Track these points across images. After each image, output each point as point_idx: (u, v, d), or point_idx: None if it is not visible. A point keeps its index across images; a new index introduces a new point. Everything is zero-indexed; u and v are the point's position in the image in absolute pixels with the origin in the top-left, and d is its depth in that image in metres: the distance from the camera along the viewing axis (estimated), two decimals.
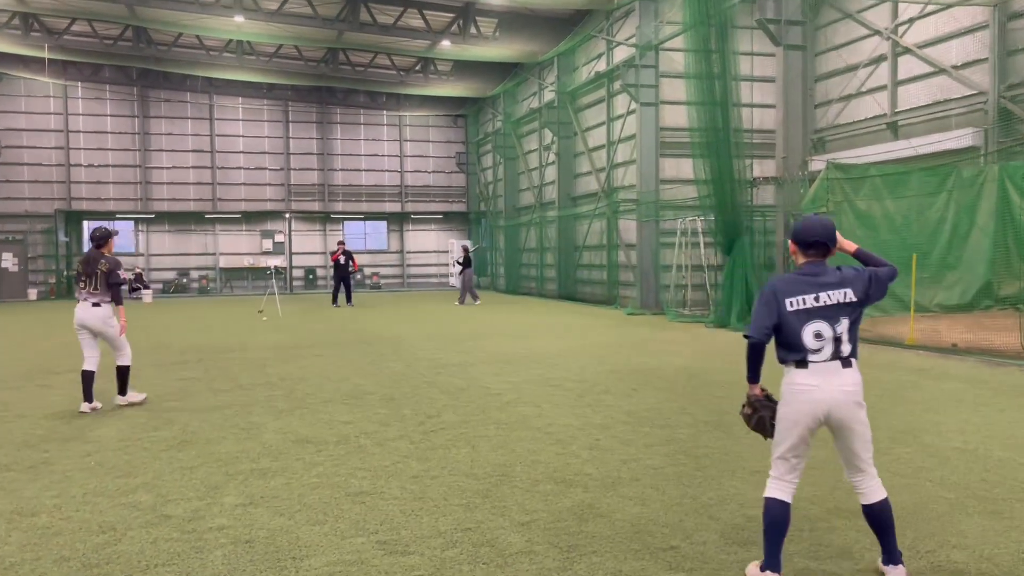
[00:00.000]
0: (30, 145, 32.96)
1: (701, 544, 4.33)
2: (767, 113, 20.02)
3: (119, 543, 4.45)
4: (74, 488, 5.52)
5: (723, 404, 8.27)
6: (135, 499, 5.25)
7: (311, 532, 4.60)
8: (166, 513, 4.96)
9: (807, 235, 3.91)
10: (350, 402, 8.65)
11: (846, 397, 3.76)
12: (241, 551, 4.32)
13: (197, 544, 4.42)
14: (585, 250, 26.41)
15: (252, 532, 4.60)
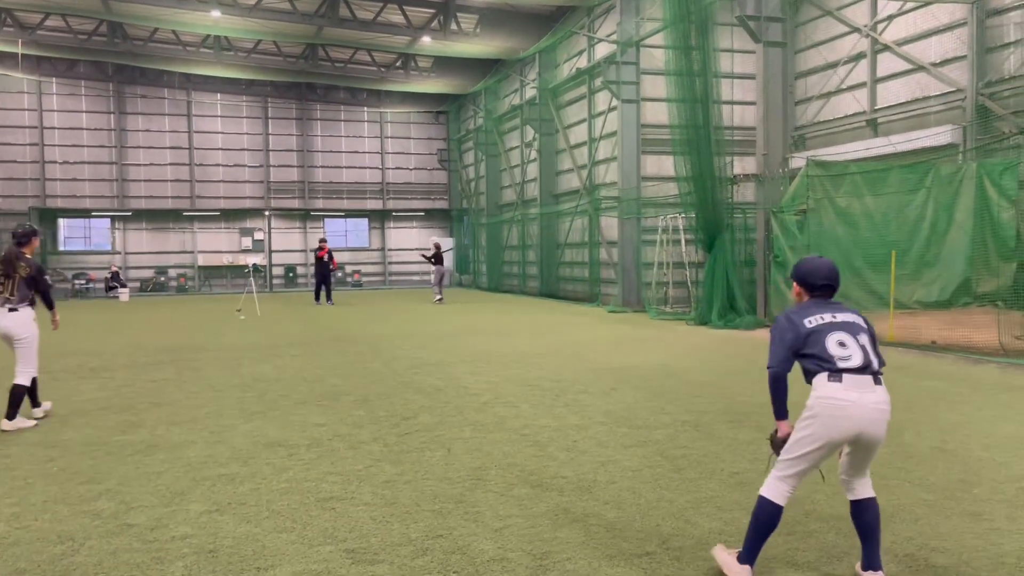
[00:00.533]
0: (3, 142, 32.44)
1: (677, 550, 4.24)
2: (747, 110, 20.00)
3: (77, 554, 4.30)
4: (34, 495, 5.35)
5: (701, 404, 8.19)
6: (97, 507, 5.09)
7: (278, 540, 4.47)
8: (128, 521, 4.81)
9: (816, 278, 3.94)
10: (324, 403, 8.50)
11: (881, 416, 3.68)
12: (204, 561, 4.18)
13: (158, 554, 4.28)
14: (567, 248, 26.33)
15: (216, 541, 4.46)
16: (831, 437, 3.68)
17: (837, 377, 3.65)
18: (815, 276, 3.94)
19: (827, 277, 3.93)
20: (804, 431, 3.75)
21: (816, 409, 3.71)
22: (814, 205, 14.71)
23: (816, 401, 3.73)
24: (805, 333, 3.77)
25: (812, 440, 3.72)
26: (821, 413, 3.69)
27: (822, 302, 3.93)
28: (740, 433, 6.88)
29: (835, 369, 3.67)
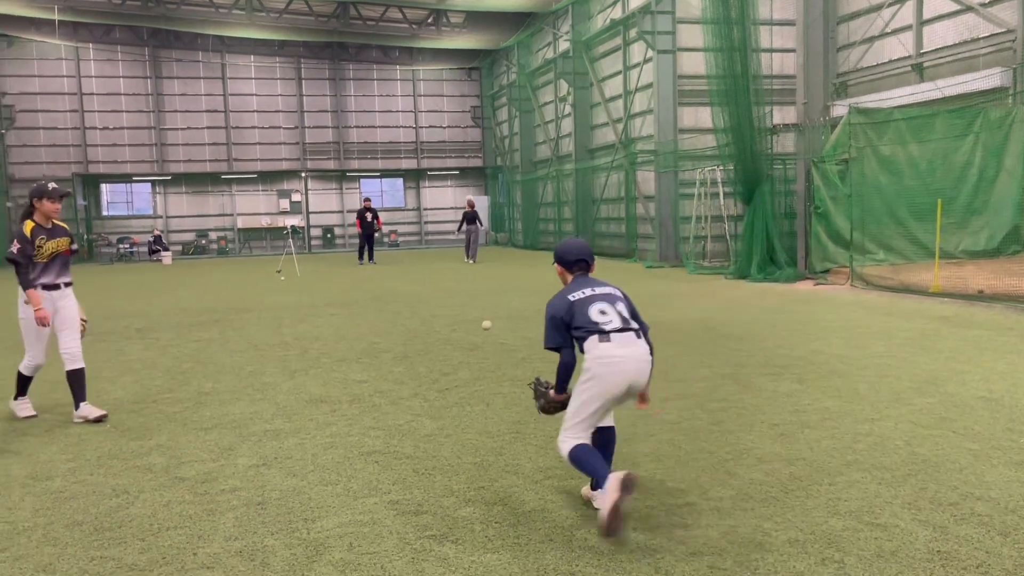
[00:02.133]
0: (44, 109, 32.94)
1: (718, 500, 4.25)
2: (787, 58, 19.50)
3: (132, 506, 4.45)
4: (89, 451, 5.53)
5: (740, 357, 8.15)
6: (149, 461, 5.25)
7: (323, 493, 4.57)
8: (179, 475, 4.96)
9: (571, 256, 4.31)
10: (364, 361, 8.62)
11: (646, 366, 4.01)
12: (253, 513, 4.30)
13: (209, 507, 4.41)
14: (603, 203, 26.13)
15: (264, 494, 4.58)
16: (611, 393, 3.95)
17: (607, 338, 3.93)
18: (569, 255, 4.31)
19: (579, 254, 4.30)
20: (586, 393, 3.98)
21: (594, 370, 3.94)
22: (856, 154, 14.37)
23: (593, 362, 3.95)
24: (568, 306, 4.04)
25: (594, 399, 3.97)
26: (599, 372, 3.93)
27: (582, 279, 4.24)
28: (780, 385, 6.84)
29: (603, 332, 3.95)
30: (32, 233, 6.18)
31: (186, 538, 3.98)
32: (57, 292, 6.38)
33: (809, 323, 10.29)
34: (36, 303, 6.16)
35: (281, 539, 3.92)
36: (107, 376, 8.22)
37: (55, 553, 3.85)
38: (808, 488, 4.38)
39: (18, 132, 32.65)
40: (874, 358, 7.89)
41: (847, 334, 9.34)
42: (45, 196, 6.25)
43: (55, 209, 6.32)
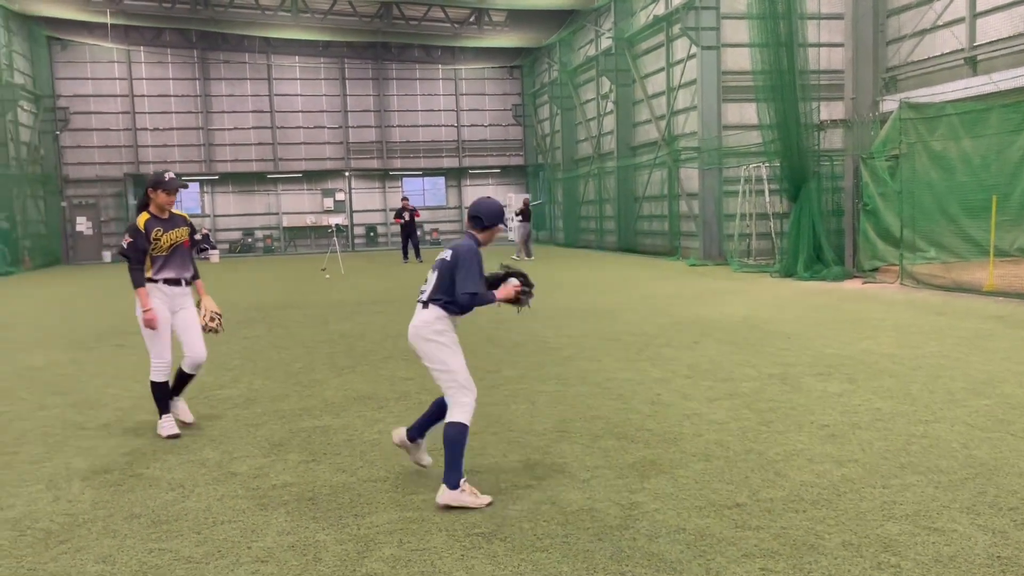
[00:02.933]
0: (97, 111, 33.76)
1: (768, 501, 4.20)
2: (835, 52, 19.14)
3: (187, 500, 4.55)
4: (145, 445, 5.67)
5: (788, 356, 8.04)
6: (202, 456, 5.36)
7: (372, 488, 4.63)
8: (232, 470, 5.06)
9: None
10: (410, 358, 8.66)
11: (413, 332, 4.67)
12: (304, 508, 4.36)
13: (262, 501, 4.49)
14: (645, 201, 25.95)
15: (315, 489, 4.65)
16: None
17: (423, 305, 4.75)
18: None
19: (472, 210, 4.94)
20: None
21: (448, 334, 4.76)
22: (907, 150, 14.07)
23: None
24: None
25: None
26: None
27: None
28: (829, 385, 6.74)
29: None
30: (146, 226, 5.79)
31: (240, 532, 4.06)
32: (179, 288, 5.93)
33: (858, 322, 10.11)
34: (144, 304, 5.77)
35: (332, 534, 3.98)
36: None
37: (114, 545, 3.95)
38: (861, 491, 4.31)
39: (72, 133, 33.53)
40: (927, 358, 7.73)
41: (898, 333, 9.16)
42: (160, 187, 5.85)
43: (169, 201, 5.92)
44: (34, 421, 6.45)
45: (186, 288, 6.04)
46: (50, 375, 8.43)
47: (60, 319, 13.32)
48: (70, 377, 8.29)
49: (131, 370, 8.54)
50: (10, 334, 11.67)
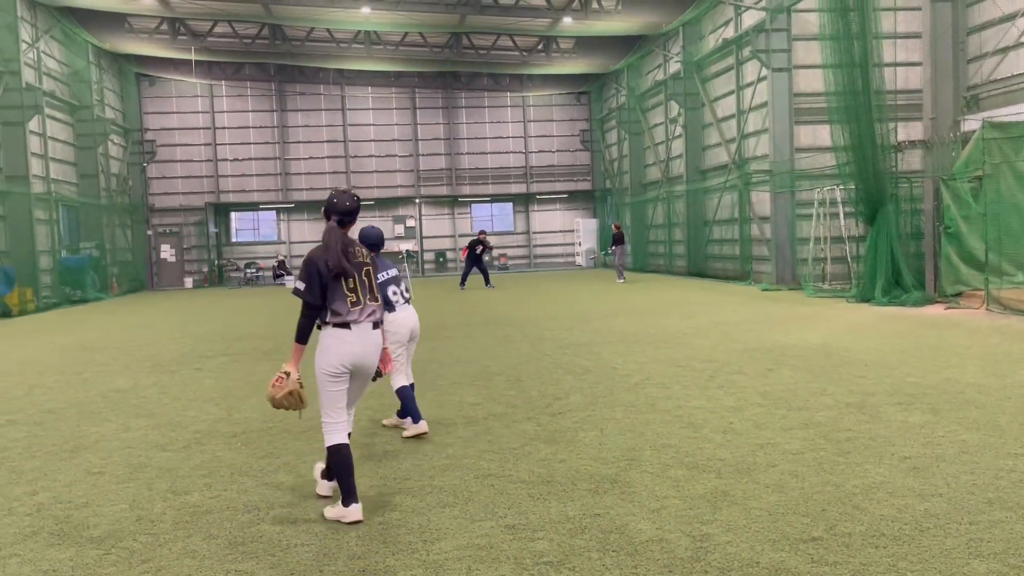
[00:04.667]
0: (182, 143, 35.23)
1: (846, 536, 4.07)
2: (912, 72, 18.66)
3: (262, 522, 4.66)
4: (222, 467, 5.83)
5: (866, 385, 7.79)
6: (277, 479, 5.49)
7: (441, 515, 4.65)
8: (305, 493, 5.16)
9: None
10: (478, 384, 8.74)
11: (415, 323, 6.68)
12: (375, 532, 4.42)
13: (333, 525, 4.56)
14: (715, 225, 25.63)
15: (385, 514, 4.70)
16: None
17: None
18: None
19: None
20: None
21: None
22: (991, 171, 13.56)
23: None
24: None
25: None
26: None
27: None
28: (911, 416, 6.50)
29: None
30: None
31: (313, 556, 4.13)
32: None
33: (941, 349, 9.74)
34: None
35: (402, 559, 4.01)
36: (237, 395, 8.64)
37: (194, 565, 4.07)
38: (946, 527, 4.13)
39: (158, 165, 35.04)
40: (1016, 388, 7.39)
41: (984, 361, 8.78)
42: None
43: None
44: (119, 442, 6.71)
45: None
46: (135, 397, 8.76)
47: (144, 343, 13.84)
48: (153, 400, 8.60)
49: (209, 393, 8.82)
50: (98, 357, 12.19)
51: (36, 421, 7.70)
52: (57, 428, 7.36)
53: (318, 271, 4.59)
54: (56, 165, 26.74)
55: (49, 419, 7.77)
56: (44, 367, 11.35)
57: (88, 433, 7.10)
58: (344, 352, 4.69)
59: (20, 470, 5.99)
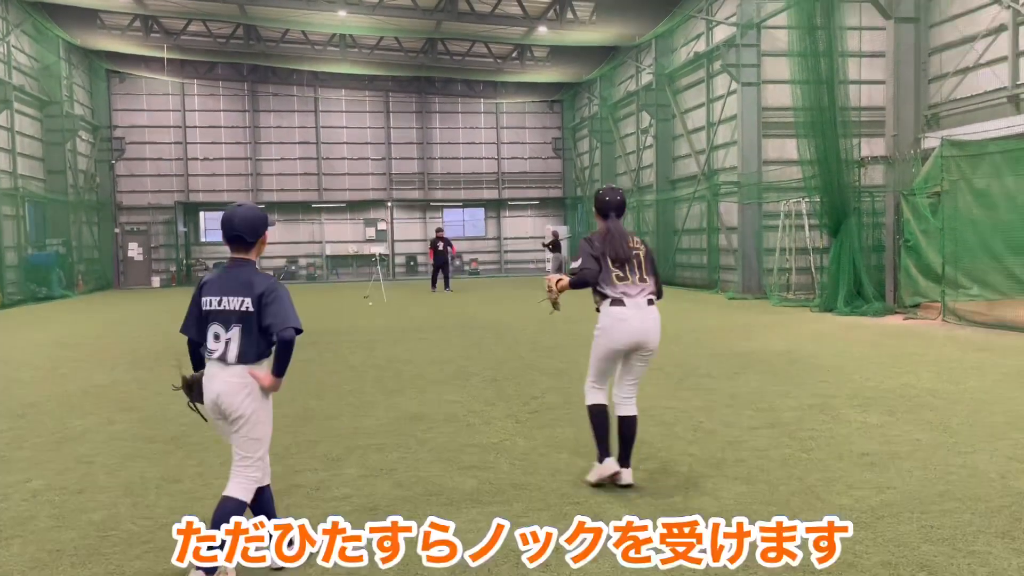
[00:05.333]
0: (151, 141, 34.95)
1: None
2: (876, 90, 19.28)
3: None
4: (212, 458, 6.00)
5: (828, 388, 8.16)
6: None
7: (429, 502, 4.89)
8: (295, 482, 5.36)
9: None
10: (456, 383, 8.97)
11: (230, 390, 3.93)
12: (365, 517, 4.62)
13: (324, 510, 4.77)
14: (684, 234, 26.12)
15: (374, 501, 4.93)
16: None
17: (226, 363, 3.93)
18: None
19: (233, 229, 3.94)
20: None
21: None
22: (949, 187, 14.12)
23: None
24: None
25: None
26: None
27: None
28: (869, 417, 6.87)
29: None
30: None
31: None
32: None
33: (899, 357, 10.18)
34: None
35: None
36: None
37: None
38: (899, 515, 4.47)
39: (127, 163, 34.71)
40: (968, 393, 7.80)
41: (939, 369, 9.22)
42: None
43: None
44: (106, 434, 6.83)
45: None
46: (115, 392, 8.85)
47: (117, 339, 13.84)
48: (134, 395, 8.71)
49: None
50: (74, 353, 12.20)
51: (18, 414, 7.78)
52: (41, 421, 7.45)
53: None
54: (23, 160, 26.43)
55: (31, 412, 7.85)
56: (18, 363, 11.35)
57: (73, 426, 7.20)
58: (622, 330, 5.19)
59: (9, 459, 6.11)
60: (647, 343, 5.15)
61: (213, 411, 4.02)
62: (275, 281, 3.95)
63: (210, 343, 3.92)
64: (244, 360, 3.86)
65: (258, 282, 3.84)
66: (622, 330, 5.07)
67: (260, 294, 3.80)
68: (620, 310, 5.07)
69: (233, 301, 3.84)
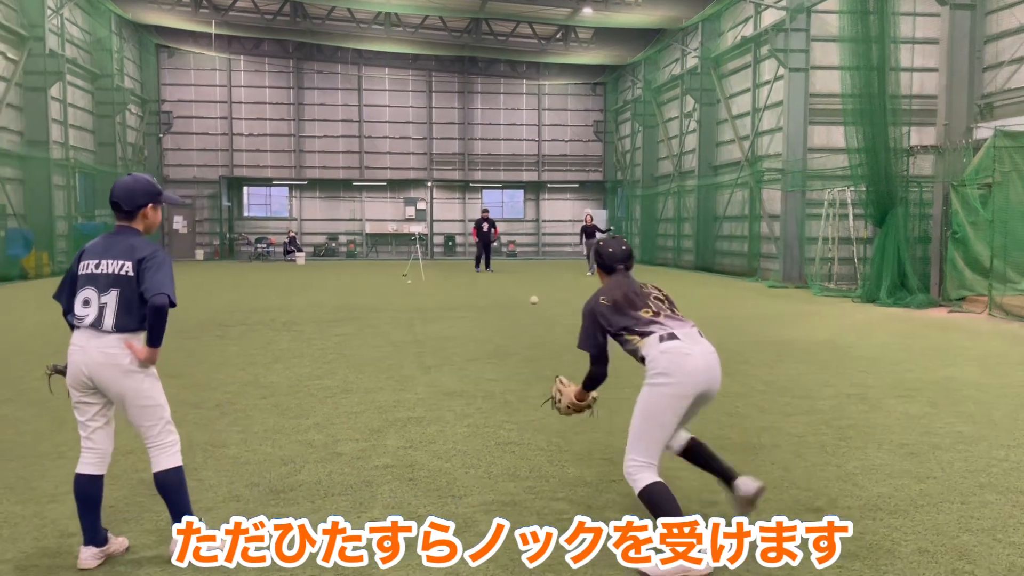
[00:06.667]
0: (198, 115, 35.48)
1: (846, 508, 4.38)
2: (928, 77, 18.86)
3: (299, 474, 4.98)
4: (256, 425, 6.15)
5: (868, 379, 8.08)
6: (309, 437, 5.81)
7: (467, 475, 4.97)
8: (337, 451, 5.48)
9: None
10: (494, 361, 9.05)
11: (99, 363, 3.66)
12: (406, 487, 4.74)
13: (366, 479, 4.88)
14: (725, 220, 25.87)
15: (414, 472, 5.02)
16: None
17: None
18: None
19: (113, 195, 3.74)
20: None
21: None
22: (1001, 178, 13.79)
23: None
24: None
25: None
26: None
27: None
28: (910, 407, 6.80)
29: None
30: None
31: (350, 504, 4.45)
32: None
33: (943, 350, 10.03)
34: None
35: (434, 511, 4.33)
36: (262, 362, 8.97)
37: (239, 508, 4.39)
38: (939, 505, 4.44)
39: (174, 136, 35.32)
40: (1013, 387, 7.68)
41: (983, 363, 9.07)
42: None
43: None
44: None
45: None
46: (162, 359, 8.99)
47: None
48: (180, 363, 8.93)
49: (234, 359, 9.14)
50: None
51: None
52: None
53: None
54: (75, 132, 27.03)
55: None
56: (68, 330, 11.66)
57: None
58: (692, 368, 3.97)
59: (63, 420, 6.31)
60: (714, 386, 3.97)
61: (78, 385, 3.71)
62: (159, 249, 3.76)
63: (78, 309, 3.69)
64: (121, 329, 3.65)
65: (140, 247, 3.67)
66: (691, 368, 3.84)
67: (141, 258, 3.63)
68: (678, 344, 3.87)
69: (112, 265, 3.64)
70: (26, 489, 4.70)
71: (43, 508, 4.41)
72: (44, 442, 5.67)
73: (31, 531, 4.10)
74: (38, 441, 5.70)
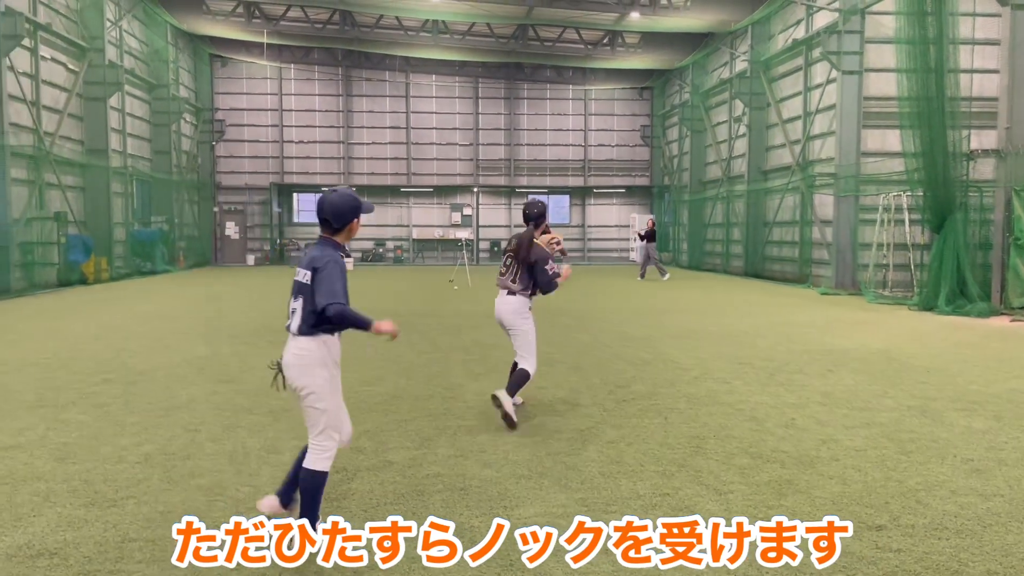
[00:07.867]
0: (250, 123, 36.15)
1: (910, 527, 4.25)
2: (988, 79, 18.33)
3: (352, 481, 5.01)
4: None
5: (928, 390, 7.86)
6: (360, 444, 5.84)
7: (518, 485, 4.95)
8: (388, 459, 5.50)
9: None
10: (541, 370, 8.98)
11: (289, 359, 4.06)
12: (457, 497, 4.73)
13: (418, 488, 4.89)
14: (775, 226, 25.47)
15: (465, 481, 5.02)
16: None
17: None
18: None
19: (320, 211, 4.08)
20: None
21: None
22: None
23: None
24: None
25: None
26: None
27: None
28: (973, 421, 6.59)
29: None
30: None
31: (401, 513, 4.44)
32: None
33: (1006, 360, 9.71)
34: None
35: (485, 521, 4.31)
36: None
37: (294, 514, 4.42)
38: (1007, 524, 4.29)
39: (226, 144, 36.03)
40: None
41: None
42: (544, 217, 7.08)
43: None
44: (209, 404, 7.16)
45: None
46: (216, 365, 9.24)
47: (217, 314, 14.43)
48: (234, 367, 9.08)
49: None
50: (176, 326, 12.79)
51: (130, 381, 8.22)
52: (150, 389, 7.86)
53: None
54: (132, 140, 27.74)
55: (141, 380, 8.29)
56: (127, 333, 11.97)
57: (179, 394, 7.57)
58: None
59: (124, 423, 6.47)
60: (501, 319, 7.03)
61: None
62: (333, 256, 3.98)
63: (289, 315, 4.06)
64: (302, 332, 3.98)
65: (319, 256, 3.95)
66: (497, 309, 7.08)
67: (316, 267, 3.92)
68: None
69: (302, 273, 3.98)
70: (89, 492, 4.81)
71: (105, 512, 4.49)
72: (105, 446, 5.80)
73: (93, 535, 4.18)
74: (100, 444, 5.84)
